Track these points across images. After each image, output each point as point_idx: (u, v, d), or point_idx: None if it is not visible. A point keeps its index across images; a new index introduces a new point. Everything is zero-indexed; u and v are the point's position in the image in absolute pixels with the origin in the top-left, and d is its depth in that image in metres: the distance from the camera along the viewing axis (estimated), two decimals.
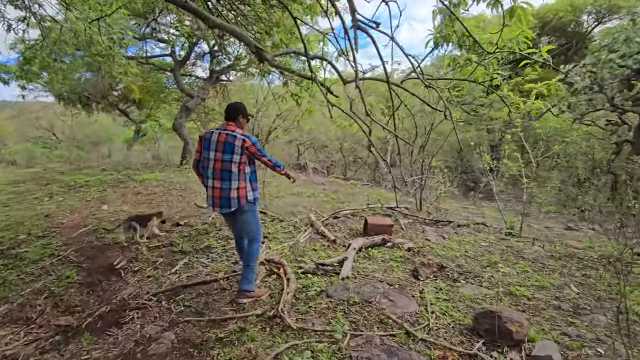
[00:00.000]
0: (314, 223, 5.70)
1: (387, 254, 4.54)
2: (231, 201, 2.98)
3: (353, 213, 6.42)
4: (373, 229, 5.00)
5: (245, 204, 3.04)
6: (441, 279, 3.80)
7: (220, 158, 2.96)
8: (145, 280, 3.85)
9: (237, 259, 4.37)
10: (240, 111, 3.13)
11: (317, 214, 6.31)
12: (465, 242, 5.00)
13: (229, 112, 3.13)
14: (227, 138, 2.95)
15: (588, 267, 4.11)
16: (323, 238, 5.19)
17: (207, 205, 3.14)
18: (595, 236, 6.42)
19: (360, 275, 3.78)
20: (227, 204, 3.00)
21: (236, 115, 3.11)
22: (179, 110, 13.57)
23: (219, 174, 2.98)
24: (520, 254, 4.57)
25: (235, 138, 2.94)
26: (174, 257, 4.50)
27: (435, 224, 5.91)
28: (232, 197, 2.98)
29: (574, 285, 3.60)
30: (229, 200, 2.99)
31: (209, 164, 3.01)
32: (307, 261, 4.25)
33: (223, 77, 15.43)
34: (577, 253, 4.58)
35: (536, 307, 3.15)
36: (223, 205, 3.01)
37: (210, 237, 5.22)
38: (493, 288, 3.52)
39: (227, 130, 3.00)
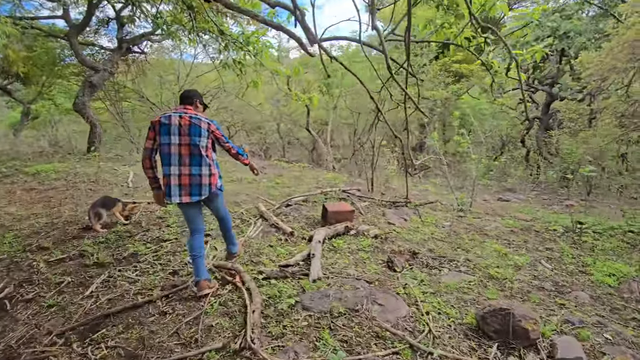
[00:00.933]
0: (264, 214, 4.99)
1: (353, 243, 4.09)
2: (202, 188, 2.80)
3: (306, 199, 5.84)
4: (334, 217, 4.50)
5: (216, 189, 2.92)
6: (417, 268, 3.47)
7: (188, 142, 2.72)
8: (45, 313, 2.79)
9: (175, 267, 3.52)
10: (197, 96, 3.02)
11: (266, 203, 5.59)
12: (428, 223, 4.80)
13: (185, 97, 2.95)
14: (192, 120, 2.74)
15: (547, 240, 4.17)
16: (278, 231, 4.54)
17: (169, 195, 2.78)
18: (528, 206, 6.85)
19: (332, 274, 3.25)
20: (197, 192, 2.79)
21: (192, 99, 2.94)
22: (80, 86, 11.28)
23: (188, 159, 2.74)
24: (482, 231, 4.50)
25: (201, 121, 2.78)
26: (87, 272, 3.44)
27: (392, 206, 5.64)
28: (203, 184, 2.79)
29: (545, 262, 3.56)
30: (200, 187, 2.79)
31: (170, 149, 2.71)
32: (266, 262, 3.58)
33: (136, 48, 13.24)
34: (532, 226, 4.68)
35: (522, 291, 2.98)
36: (193, 193, 2.78)
37: (135, 241, 4.20)
38: (473, 273, 3.30)
39: (188, 113, 2.78)
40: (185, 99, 2.93)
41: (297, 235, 4.35)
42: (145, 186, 7.34)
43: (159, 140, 2.75)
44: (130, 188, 7.16)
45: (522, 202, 7.94)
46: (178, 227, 4.73)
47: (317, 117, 15.01)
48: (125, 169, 8.87)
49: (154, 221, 5.03)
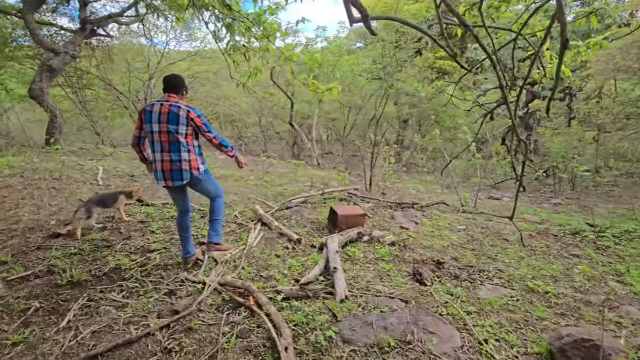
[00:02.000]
0: (263, 217, 4.48)
1: (370, 251, 3.71)
2: (183, 173, 2.92)
3: (305, 200, 5.37)
4: (344, 221, 4.08)
5: (199, 174, 3.00)
6: (447, 280, 3.15)
7: (166, 129, 2.85)
8: (8, 354, 2.18)
9: (169, 284, 2.97)
10: (181, 84, 3.01)
11: (263, 205, 5.07)
12: (441, 227, 4.51)
13: (169, 84, 2.96)
14: (171, 108, 2.85)
15: (570, 246, 4.00)
16: (280, 237, 4.06)
17: (156, 179, 3.02)
18: (524, 205, 6.79)
19: (359, 291, 2.85)
20: (178, 177, 2.93)
21: (178, 88, 2.98)
22: (37, 71, 10.05)
23: (167, 145, 2.87)
24: (501, 235, 4.27)
25: (180, 108, 2.86)
26: (60, 295, 2.81)
27: (398, 207, 5.31)
28: (183, 169, 2.91)
29: (578, 271, 3.35)
30: (180, 172, 2.92)
31: (154, 136, 2.89)
32: (278, 276, 3.11)
33: (101, 30, 12.02)
34: (547, 230, 4.51)
35: (569, 307, 2.73)
36: (174, 178, 2.93)
37: (116, 252, 3.58)
38: (510, 286, 3.02)
39: (169, 101, 2.89)
40: (170, 87, 2.96)
41: (304, 242, 3.90)
42: (118, 183, 6.56)
43: (145, 128, 2.94)
44: (101, 186, 6.36)
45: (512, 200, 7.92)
46: (165, 234, 4.13)
47: (298, 111, 14.47)
48: (92, 164, 7.96)
49: (135, 226, 4.39)
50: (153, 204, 5.20)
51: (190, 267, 3.25)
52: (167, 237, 4.05)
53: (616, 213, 6.10)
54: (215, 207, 3.29)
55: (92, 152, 9.63)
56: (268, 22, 2.99)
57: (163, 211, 4.95)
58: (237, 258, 3.52)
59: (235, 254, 3.62)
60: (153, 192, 6.07)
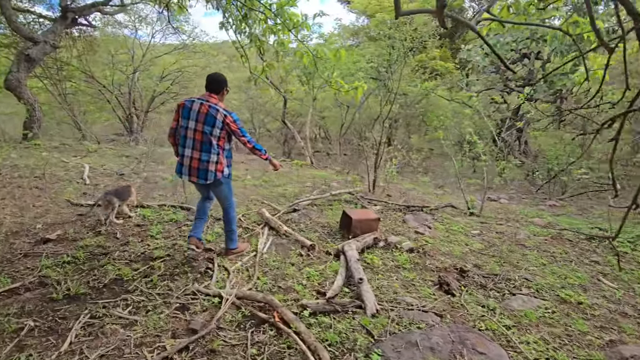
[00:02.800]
0: (270, 221, 4.24)
1: (388, 259, 3.53)
2: (208, 174, 2.97)
3: (312, 203, 5.15)
4: (358, 226, 3.89)
5: (222, 177, 3.03)
6: (474, 290, 3.01)
7: (201, 129, 2.90)
8: None
9: (181, 298, 2.71)
10: (224, 84, 3.03)
11: (269, 207, 4.82)
12: (456, 232, 4.39)
13: (212, 84, 2.99)
14: (210, 110, 2.88)
15: (587, 251, 3.95)
16: (291, 242, 3.84)
17: (179, 173, 3.10)
18: (527, 208, 6.79)
19: (388, 304, 2.66)
20: (203, 176, 2.98)
21: (220, 87, 3.01)
22: (14, 60, 9.39)
23: (199, 145, 2.94)
24: (517, 241, 4.18)
25: (218, 111, 2.89)
26: (57, 311, 2.50)
27: (407, 210, 5.17)
28: (209, 170, 2.96)
29: (604, 279, 3.28)
30: (206, 173, 2.97)
31: (187, 132, 2.95)
32: (298, 288, 2.89)
33: (83, 20, 11.39)
34: (560, 234, 4.46)
35: (607, 319, 2.63)
36: (200, 176, 2.99)
37: (115, 261, 3.27)
38: (541, 296, 2.90)
39: (209, 102, 2.93)
40: (212, 85, 2.98)
41: (318, 248, 3.69)
42: (107, 182, 6.16)
43: (180, 122, 3.00)
44: (89, 185, 5.95)
45: (511, 203, 7.95)
46: (166, 239, 3.84)
47: (290, 109, 14.19)
48: (76, 161, 7.48)
49: (132, 231, 4.07)
50: (149, 205, 4.87)
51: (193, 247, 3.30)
52: (169, 242, 3.76)
53: (614, 215, 6.15)
54: (229, 218, 3.31)
55: (75, 148, 9.07)
56: (290, 13, 2.74)
57: (161, 213, 4.63)
58: (250, 267, 3.28)
59: (246, 261, 3.38)
60: (146, 192, 5.71)
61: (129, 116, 14.81)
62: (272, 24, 2.93)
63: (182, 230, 4.10)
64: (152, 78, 15.37)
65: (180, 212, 4.69)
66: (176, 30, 14.87)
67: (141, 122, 15.31)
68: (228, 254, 3.46)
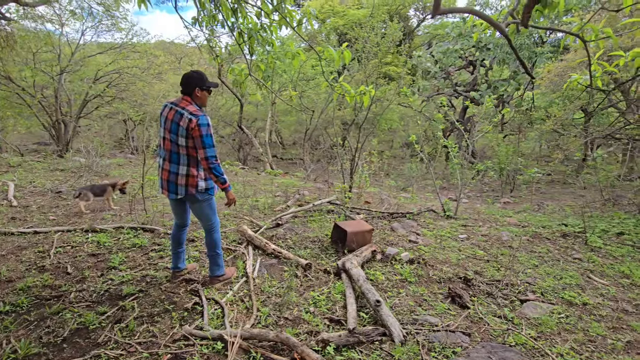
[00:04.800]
0: (254, 239, 3.82)
1: (391, 272, 3.34)
2: (178, 188, 2.64)
3: (295, 215, 4.79)
4: (354, 240, 3.65)
5: (197, 193, 2.65)
6: (483, 299, 2.93)
7: (169, 137, 2.58)
8: None
9: (169, 345, 2.24)
10: (194, 83, 2.59)
11: (249, 223, 4.38)
12: (444, 237, 4.35)
13: (182, 84, 2.60)
14: (175, 116, 2.54)
15: (567, 249, 4.13)
16: (281, 262, 3.47)
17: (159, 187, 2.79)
18: (489, 208, 7.12)
19: (412, 327, 2.45)
20: (173, 190, 2.65)
21: (189, 88, 2.59)
22: None
23: (169, 155, 2.63)
24: (503, 242, 4.25)
25: (182, 117, 2.50)
26: None
27: (391, 217, 5.05)
28: (179, 184, 2.63)
29: (593, 276, 3.41)
30: (176, 186, 2.64)
31: (163, 142, 2.66)
32: (308, 317, 2.55)
33: None
34: (537, 233, 4.65)
35: (615, 319, 2.69)
36: (170, 189, 2.67)
37: (72, 304, 2.66)
38: (547, 300, 2.91)
39: (178, 106, 2.57)
40: (182, 86, 2.61)
41: (314, 267, 3.37)
42: (40, 203, 5.21)
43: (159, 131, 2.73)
44: (18, 208, 4.98)
45: (472, 203, 8.31)
46: (133, 270, 3.25)
47: (246, 114, 13.59)
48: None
49: (86, 262, 3.40)
50: (102, 229, 4.15)
51: (179, 281, 3.01)
52: (137, 274, 3.18)
53: (565, 211, 6.69)
54: (212, 241, 2.89)
55: None
56: (288, 10, 2.42)
57: (119, 238, 3.96)
58: (244, 296, 2.86)
59: (237, 290, 2.95)
60: (95, 213, 4.91)
61: (56, 123, 13.05)
62: (266, 22, 2.57)
63: (151, 258, 3.52)
64: (83, 80, 13.71)
65: (144, 235, 4.06)
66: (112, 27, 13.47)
67: (71, 130, 13.55)
68: (214, 282, 3.01)
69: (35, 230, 4.03)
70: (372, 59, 14.01)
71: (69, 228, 4.12)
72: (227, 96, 11.75)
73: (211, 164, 2.53)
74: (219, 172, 2.59)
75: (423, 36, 18.84)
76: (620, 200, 6.83)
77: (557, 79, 8.44)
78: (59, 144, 12.77)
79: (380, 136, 17.08)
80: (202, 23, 3.12)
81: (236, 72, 3.36)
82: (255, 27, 2.69)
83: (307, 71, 10.77)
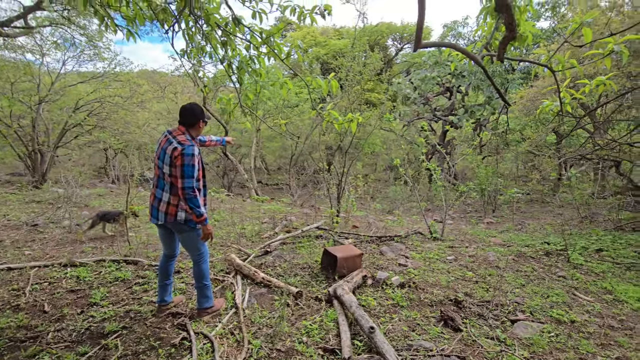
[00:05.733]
0: (243, 268, 3.75)
1: (382, 297, 3.32)
2: (159, 214, 2.65)
3: (283, 242, 4.74)
4: (345, 265, 3.63)
5: (174, 221, 2.63)
6: (475, 321, 2.94)
7: (158, 164, 2.65)
8: None
9: None
10: (194, 115, 2.63)
11: (237, 251, 4.30)
12: (432, 259, 4.38)
13: (180, 114, 2.66)
14: (165, 144, 2.59)
15: (551, 267, 4.22)
16: (271, 291, 3.41)
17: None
18: (474, 229, 7.25)
19: (407, 352, 2.42)
20: (155, 215, 2.68)
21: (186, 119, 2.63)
22: None
23: (157, 180, 2.69)
24: (490, 263, 4.31)
25: (170, 144, 2.54)
26: None
27: (380, 241, 5.07)
28: (160, 210, 2.65)
29: (579, 293, 3.49)
30: (157, 212, 2.66)
31: (154, 167, 2.71)
32: (301, 348, 2.49)
33: None
34: (521, 252, 4.75)
35: (601, 335, 2.74)
36: (153, 214, 2.70)
37: (50, 345, 2.51)
38: (537, 319, 2.95)
39: (172, 134, 2.62)
40: (180, 117, 2.66)
41: (305, 295, 3.32)
42: (15, 237, 4.98)
43: None
44: None
45: (456, 223, 8.45)
46: (115, 306, 3.11)
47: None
48: None
49: (65, 299, 3.25)
50: (82, 263, 3.98)
51: (165, 315, 2.92)
52: (120, 309, 3.04)
53: (546, 229, 6.89)
54: (200, 272, 2.83)
55: None
56: (276, 43, 2.53)
57: (100, 272, 3.81)
58: (234, 328, 2.77)
59: (227, 322, 2.86)
60: (74, 246, 4.73)
61: (32, 153, 12.71)
62: (254, 53, 2.66)
63: (135, 292, 3.39)
64: (63, 109, 13.52)
65: (127, 268, 3.92)
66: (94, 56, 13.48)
67: (48, 160, 13.18)
68: (202, 315, 2.91)
69: (9, 266, 3.83)
70: (355, 86, 14.51)
71: (46, 263, 3.93)
72: (212, 123, 11.80)
73: (187, 194, 2.49)
74: (195, 204, 2.51)
75: (401, 64, 19.69)
76: (596, 218, 7.10)
77: (529, 104, 8.92)
78: (35, 174, 12.38)
79: (364, 160, 17.41)
80: (191, 54, 3.22)
81: (224, 102, 3.43)
82: (245, 60, 2.77)
83: (292, 98, 10.99)
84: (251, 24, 2.48)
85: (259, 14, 2.65)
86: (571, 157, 9.54)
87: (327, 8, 2.68)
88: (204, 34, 2.77)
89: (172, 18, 2.70)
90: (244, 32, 2.49)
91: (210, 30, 2.79)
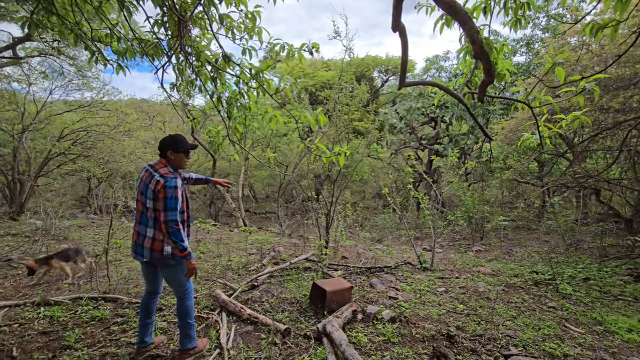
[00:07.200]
0: (228, 304, 3.61)
1: (373, 333, 3.21)
2: (144, 251, 2.56)
3: (271, 275, 4.61)
4: (334, 299, 3.54)
5: (160, 256, 2.55)
6: (469, 357, 2.86)
7: (140, 199, 2.57)
8: None
9: None
10: (167, 146, 2.59)
11: (222, 286, 4.16)
12: (423, 291, 4.32)
13: (159, 148, 2.64)
14: (147, 178, 2.54)
15: (541, 297, 4.20)
16: (256, 327, 3.27)
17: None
18: (464, 257, 7.24)
19: None
20: (140, 252, 2.58)
21: (163, 151, 2.61)
22: None
23: (139, 216, 2.60)
24: (480, 294, 4.27)
25: (152, 178, 2.50)
26: None
27: (369, 272, 4.98)
28: (145, 247, 2.56)
29: (569, 324, 3.46)
30: (142, 249, 2.57)
31: (136, 203, 2.63)
32: None
33: None
34: (511, 282, 4.73)
35: None
36: (137, 252, 2.60)
37: None
38: (530, 353, 2.89)
39: (154, 168, 2.57)
40: (159, 150, 2.63)
41: (294, 332, 3.19)
42: None
43: None
44: None
45: (445, 252, 8.44)
46: (91, 349, 2.92)
47: (219, 169, 13.56)
48: None
49: (36, 342, 3.04)
50: (57, 301, 3.77)
51: (144, 358, 2.77)
52: (96, 352, 2.86)
53: (534, 257, 6.93)
54: (183, 309, 2.72)
55: None
56: (265, 79, 2.58)
57: (77, 311, 3.60)
58: None
59: None
60: (50, 282, 4.49)
61: (11, 183, 12.34)
62: (244, 88, 2.70)
63: (112, 332, 3.20)
64: (47, 138, 13.32)
65: (105, 306, 3.72)
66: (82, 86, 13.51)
67: (27, 189, 12.79)
68: (184, 357, 2.75)
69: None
70: (342, 116, 14.82)
71: (18, 302, 3.71)
72: (200, 152, 11.77)
73: (170, 228, 2.42)
74: (178, 238, 2.44)
75: (387, 94, 20.35)
76: (581, 245, 7.20)
77: (511, 134, 9.24)
78: (12, 205, 11.95)
79: (352, 187, 17.52)
80: (180, 87, 3.26)
81: (213, 134, 3.44)
82: (234, 95, 2.81)
83: (281, 128, 11.13)
84: (241, 59, 2.54)
85: (249, 50, 2.72)
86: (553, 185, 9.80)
87: (314, 46, 2.78)
88: (194, 69, 2.81)
89: (162, 54, 2.75)
90: (234, 67, 2.54)
91: (200, 65, 2.85)
